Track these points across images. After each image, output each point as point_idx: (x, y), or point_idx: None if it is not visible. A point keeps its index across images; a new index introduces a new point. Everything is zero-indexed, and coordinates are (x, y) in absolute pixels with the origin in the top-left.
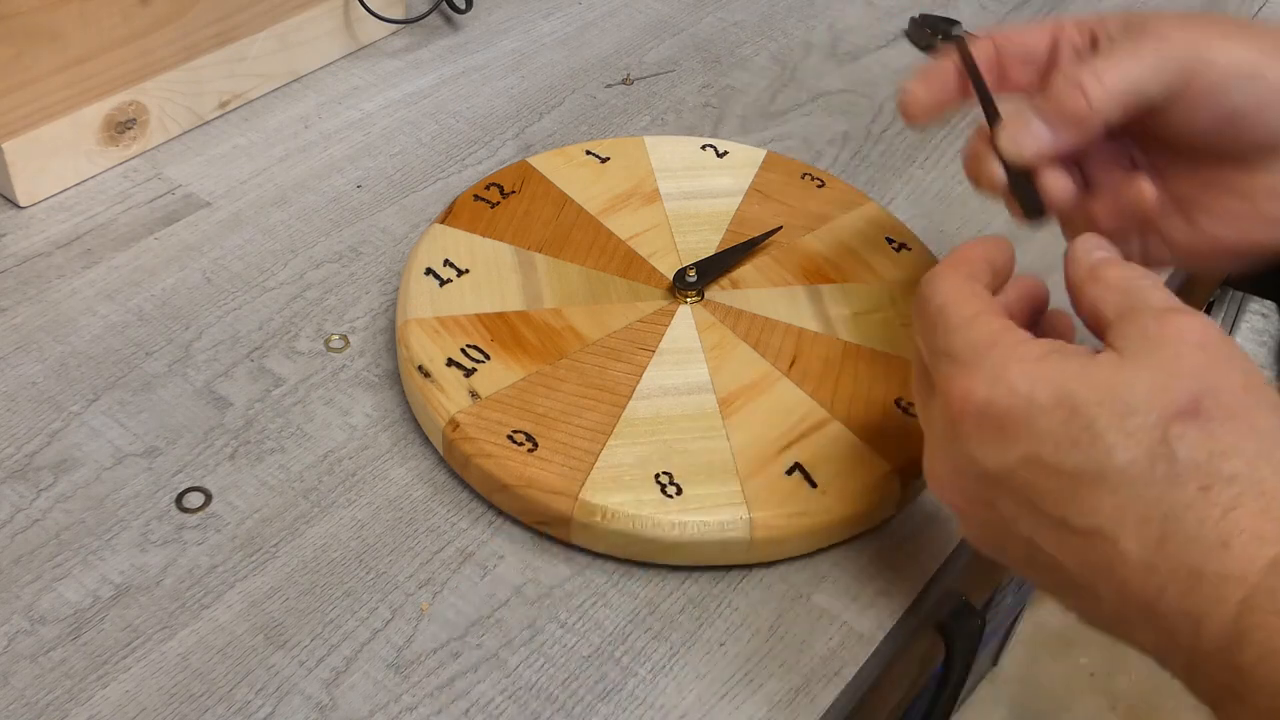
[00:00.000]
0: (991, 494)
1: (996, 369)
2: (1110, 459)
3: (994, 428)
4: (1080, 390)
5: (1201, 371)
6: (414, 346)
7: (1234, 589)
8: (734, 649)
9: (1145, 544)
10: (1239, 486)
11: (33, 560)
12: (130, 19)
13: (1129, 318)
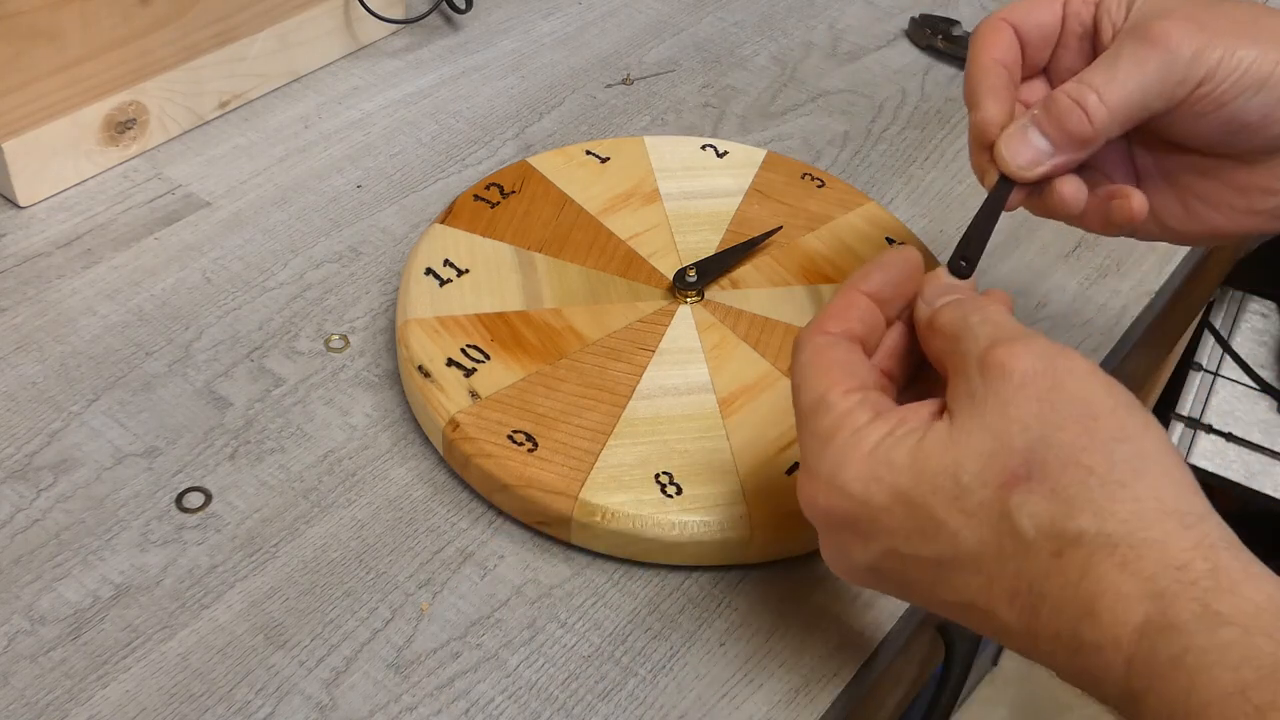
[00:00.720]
0: (877, 578)
1: (831, 474)
2: (960, 543)
3: (847, 530)
4: (912, 484)
5: (1029, 420)
6: (414, 346)
7: (1114, 654)
8: (734, 649)
9: (1020, 614)
10: (1089, 545)
11: (33, 560)
12: (130, 19)
13: (958, 371)
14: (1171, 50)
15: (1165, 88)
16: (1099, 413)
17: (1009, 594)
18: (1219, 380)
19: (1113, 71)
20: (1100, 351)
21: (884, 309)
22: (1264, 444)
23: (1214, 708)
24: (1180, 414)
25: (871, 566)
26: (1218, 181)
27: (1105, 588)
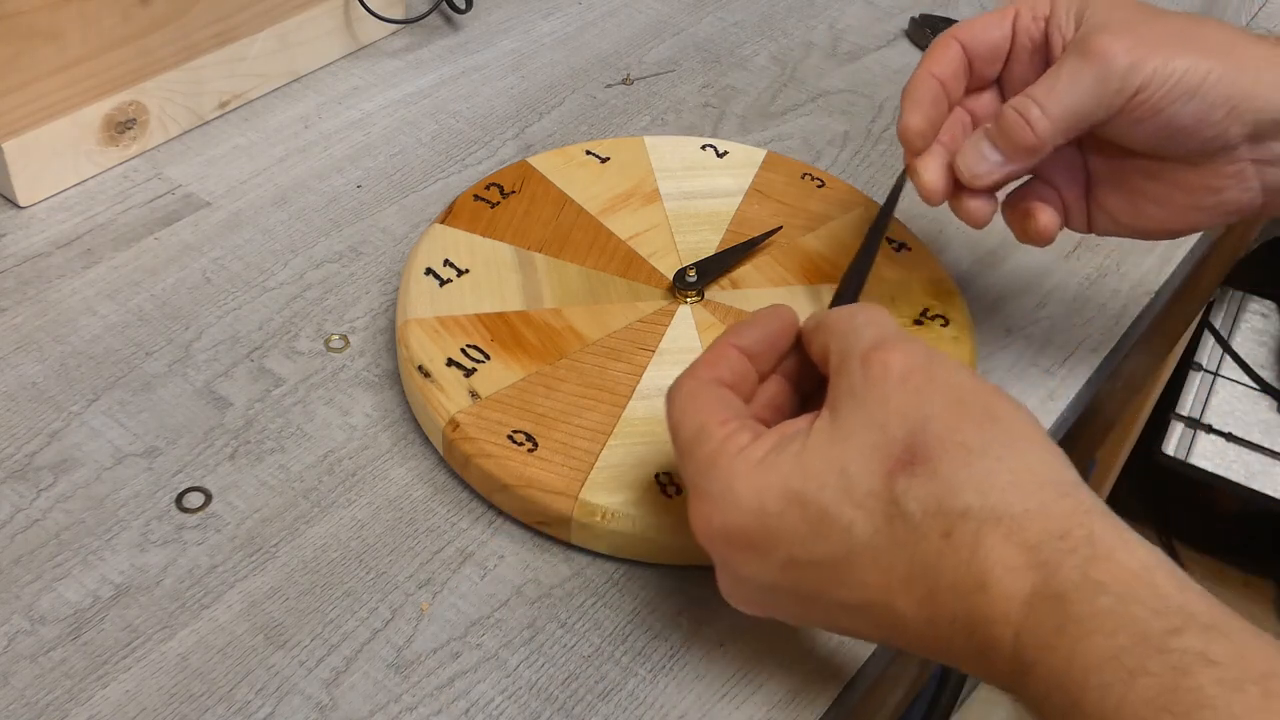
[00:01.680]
0: (776, 598)
1: (723, 490)
2: (853, 536)
3: (744, 546)
4: (801, 483)
5: (907, 410)
6: (414, 346)
7: (1003, 629)
8: (734, 649)
9: (918, 603)
10: (976, 519)
11: (33, 560)
12: (130, 19)
13: (841, 368)
14: (1108, 63)
15: (1103, 98)
16: (967, 397)
17: (905, 582)
18: (1219, 380)
19: (1054, 85)
20: (1100, 351)
21: (755, 362)
22: (1264, 444)
23: (1093, 674)
24: (1180, 414)
25: (772, 585)
26: (1164, 182)
27: (994, 561)
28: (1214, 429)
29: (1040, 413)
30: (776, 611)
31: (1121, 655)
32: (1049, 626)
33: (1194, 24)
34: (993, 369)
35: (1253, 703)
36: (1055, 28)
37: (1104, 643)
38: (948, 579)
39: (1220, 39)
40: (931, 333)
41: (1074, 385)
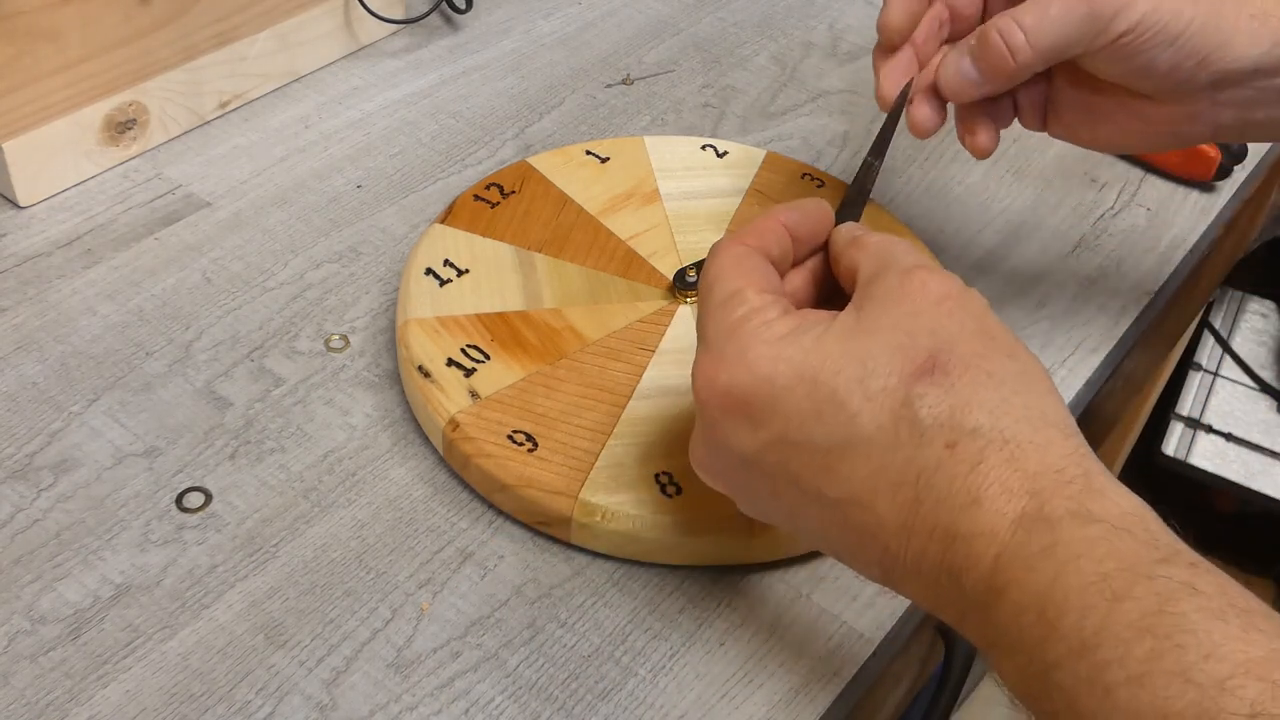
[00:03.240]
0: (750, 476)
1: (738, 353)
2: (856, 427)
3: (740, 413)
4: (819, 363)
5: (937, 327)
6: (414, 346)
7: (987, 545)
8: (734, 649)
9: (900, 508)
10: (983, 439)
11: (33, 560)
12: (130, 19)
13: (877, 277)
14: (1100, 4)
15: (1088, 36)
16: (995, 333)
17: (892, 485)
18: (1219, 380)
19: (1042, 16)
20: (1100, 351)
21: (795, 246)
22: (1264, 444)
23: (1074, 596)
24: (1180, 414)
25: (752, 460)
26: (1124, 110)
27: (992, 480)
28: (1214, 429)
29: None
30: (742, 491)
31: (1108, 579)
32: (1035, 548)
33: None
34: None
35: (1233, 633)
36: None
37: (1091, 567)
38: (940, 490)
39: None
40: None
41: (1074, 385)
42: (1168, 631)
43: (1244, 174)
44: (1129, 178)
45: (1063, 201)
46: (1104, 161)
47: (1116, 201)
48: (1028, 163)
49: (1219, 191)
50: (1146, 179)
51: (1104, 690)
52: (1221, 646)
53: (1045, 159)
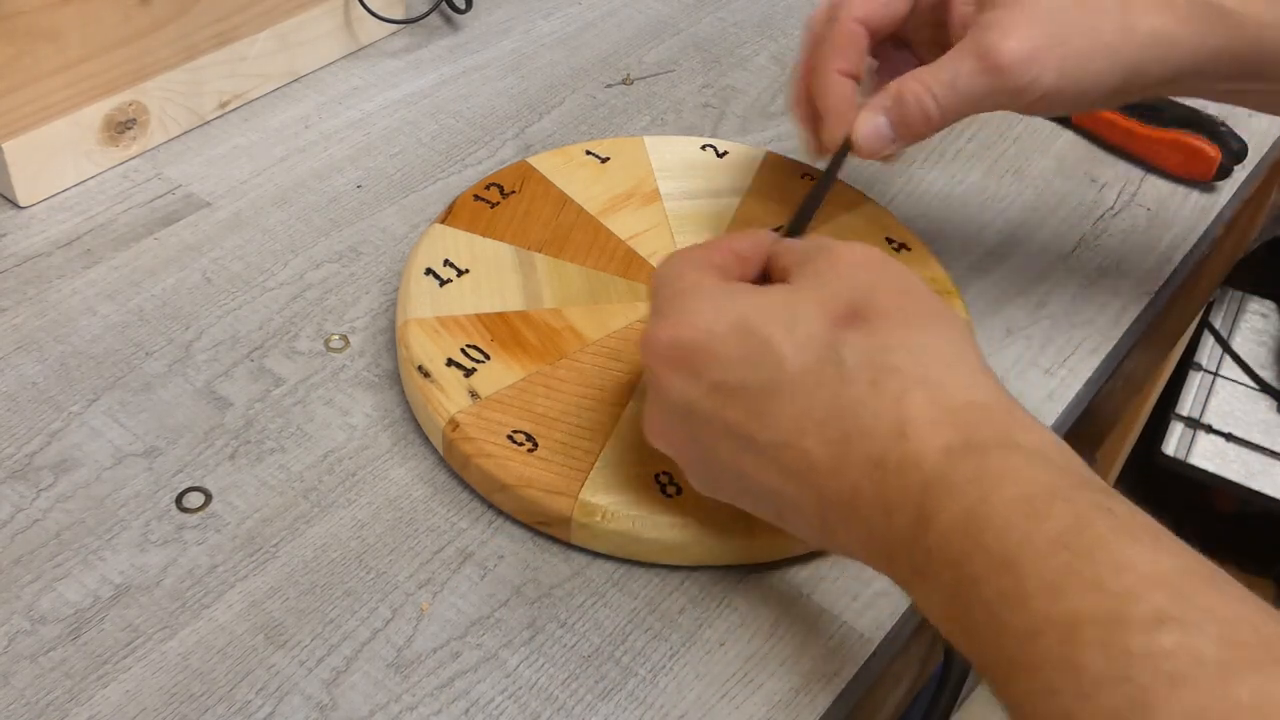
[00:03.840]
0: (692, 428)
1: (680, 311)
2: (783, 370)
3: (682, 363)
4: (754, 314)
5: (858, 284)
6: (414, 346)
7: (915, 475)
8: (734, 649)
9: (830, 444)
10: (904, 378)
11: (33, 560)
12: (130, 19)
13: (806, 260)
14: (1007, 77)
15: (999, 100)
16: (914, 291)
17: (820, 423)
18: (1219, 380)
19: (954, 85)
20: (1100, 351)
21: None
22: (1264, 444)
23: (998, 514)
24: (1180, 414)
25: (693, 410)
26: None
27: (916, 413)
28: (1214, 429)
29: (1040, 413)
30: (687, 450)
31: (1030, 500)
32: (962, 475)
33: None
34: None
35: (1143, 550)
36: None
37: (1014, 490)
38: (865, 423)
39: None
40: None
41: (1074, 385)
42: (1083, 547)
43: (1244, 174)
44: (1129, 178)
45: (1063, 201)
46: (1104, 161)
47: (1116, 201)
48: (1028, 163)
49: (1219, 191)
50: (1146, 179)
51: (1021, 600)
52: (1131, 561)
53: (1045, 159)
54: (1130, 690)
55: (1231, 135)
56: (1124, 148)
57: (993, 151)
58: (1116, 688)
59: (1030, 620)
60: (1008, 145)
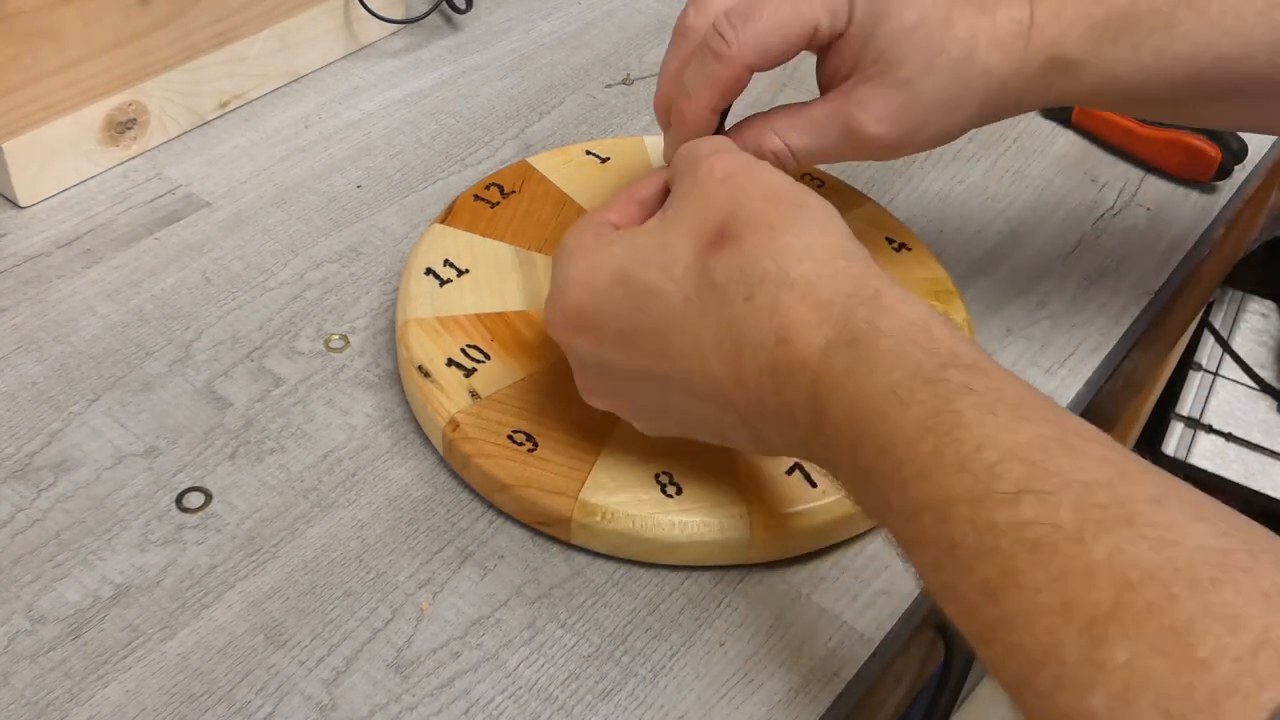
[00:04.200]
0: (614, 382)
1: (567, 277)
2: (669, 307)
3: (579, 326)
4: (627, 262)
5: (724, 200)
6: (414, 346)
7: (803, 376)
8: (734, 649)
9: (727, 363)
10: (774, 283)
11: (33, 560)
12: (130, 19)
13: (680, 178)
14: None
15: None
16: (782, 191)
17: (715, 345)
18: (1219, 380)
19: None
20: (1100, 351)
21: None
22: (1264, 444)
23: (871, 405)
24: (1180, 414)
25: (608, 366)
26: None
27: (793, 318)
28: (1214, 429)
29: None
30: (620, 398)
31: (897, 388)
32: (839, 370)
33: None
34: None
35: (1002, 424)
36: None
37: (882, 379)
38: (751, 336)
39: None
40: None
41: (1074, 385)
42: (946, 428)
43: (1244, 174)
44: (1129, 178)
45: (1063, 201)
46: (1104, 161)
47: (1116, 201)
48: (1028, 163)
49: (1219, 191)
50: (1146, 179)
51: (900, 484)
52: (991, 437)
53: (1045, 159)
54: (999, 560)
55: (1231, 135)
56: (1124, 148)
57: (993, 151)
58: (988, 559)
59: (909, 503)
60: (1008, 145)
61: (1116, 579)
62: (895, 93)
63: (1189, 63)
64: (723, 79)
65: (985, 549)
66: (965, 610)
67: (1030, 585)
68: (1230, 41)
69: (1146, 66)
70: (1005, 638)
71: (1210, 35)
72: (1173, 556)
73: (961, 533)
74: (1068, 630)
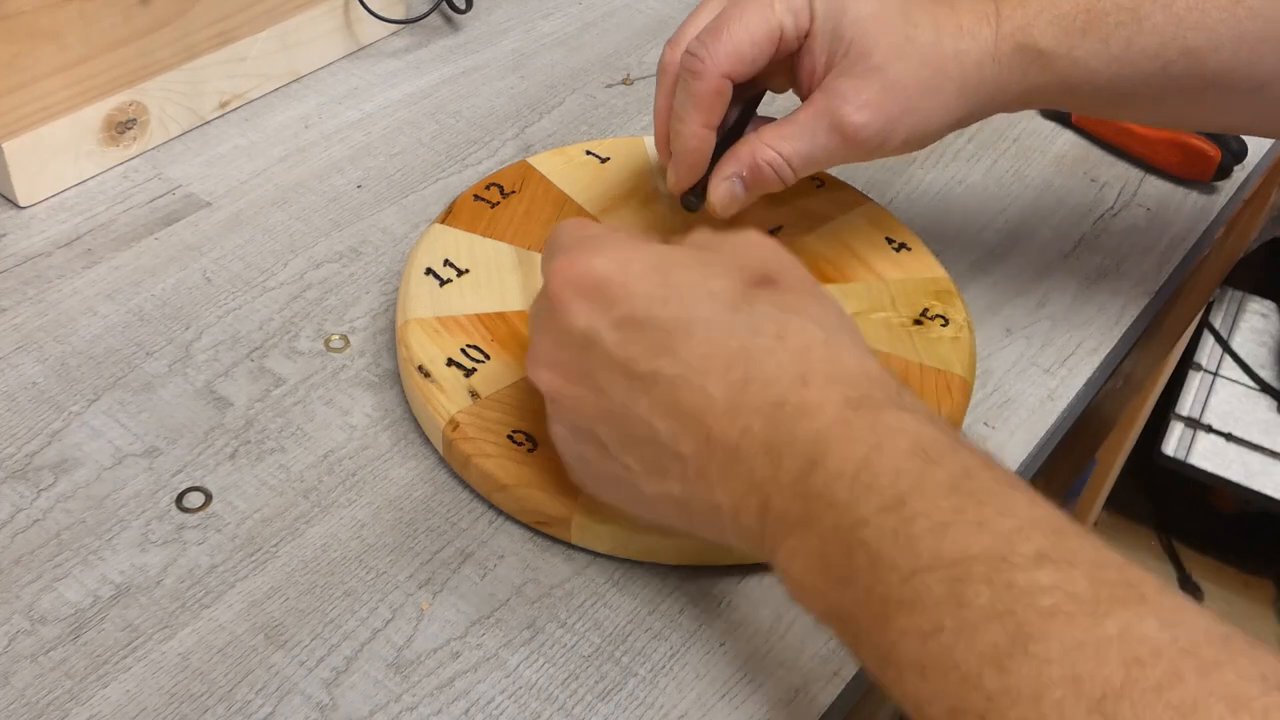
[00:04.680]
0: (587, 362)
1: (596, 245)
2: (695, 311)
3: (593, 292)
4: (669, 261)
5: (769, 258)
6: (414, 346)
7: (812, 421)
8: (734, 649)
9: (730, 386)
10: (809, 337)
11: (33, 560)
12: (130, 19)
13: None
14: (861, 145)
15: (848, 159)
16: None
17: (725, 366)
18: (1219, 380)
19: (810, 154)
20: (1100, 351)
21: None
22: (1264, 444)
23: (891, 460)
24: (1180, 414)
25: (593, 338)
26: None
27: (818, 369)
28: (1214, 429)
29: (1040, 413)
30: (574, 383)
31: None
32: (859, 424)
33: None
34: (993, 369)
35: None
36: (809, 50)
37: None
38: (769, 370)
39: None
40: (931, 333)
41: (1074, 385)
42: (970, 491)
43: (1244, 174)
44: (1129, 178)
45: (1063, 201)
46: (1104, 161)
47: (1116, 201)
48: (1028, 163)
49: (1219, 191)
50: (1146, 179)
51: (909, 540)
52: (1014, 507)
53: (1045, 159)
54: (1011, 624)
55: (1231, 135)
56: (1124, 148)
57: (993, 151)
58: (999, 621)
59: (917, 558)
60: (1008, 145)
61: (1127, 656)
62: (871, 79)
63: (1157, 56)
64: (705, 94)
65: (999, 611)
66: (959, 680)
67: (1042, 655)
68: (1196, 35)
69: (1116, 58)
70: (1006, 712)
71: (1177, 29)
72: (1178, 636)
73: (975, 591)
74: (1077, 707)
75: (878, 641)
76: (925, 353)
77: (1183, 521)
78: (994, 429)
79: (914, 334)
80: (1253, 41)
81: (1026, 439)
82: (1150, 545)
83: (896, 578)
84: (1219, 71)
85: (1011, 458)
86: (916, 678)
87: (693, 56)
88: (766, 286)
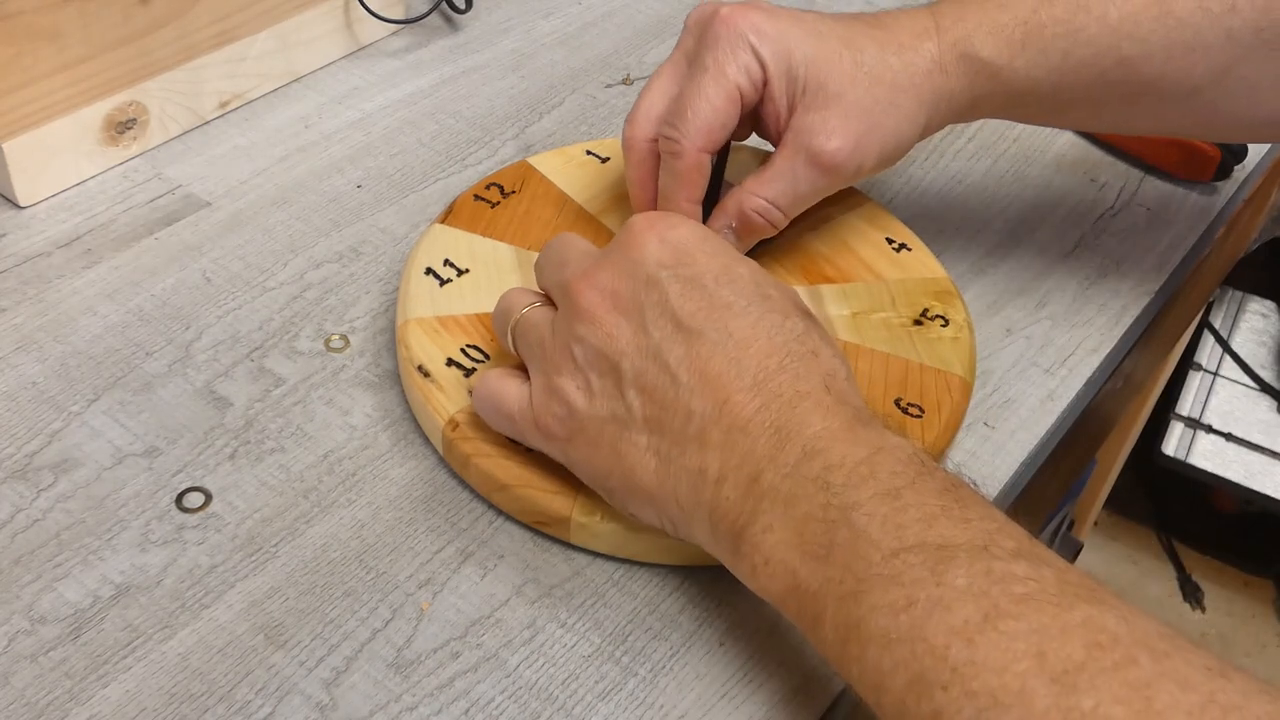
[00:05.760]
0: (643, 298)
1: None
2: (752, 302)
3: (674, 247)
4: (730, 259)
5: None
6: (414, 346)
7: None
8: (734, 649)
9: (761, 369)
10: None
11: (33, 560)
12: (130, 19)
13: None
14: (840, 173)
15: (830, 190)
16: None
17: (764, 352)
18: (1219, 380)
19: (794, 193)
20: (1100, 351)
21: None
22: (1264, 444)
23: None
24: (1180, 414)
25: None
26: None
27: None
28: (1214, 429)
29: (1040, 413)
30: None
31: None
32: (861, 432)
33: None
34: (993, 369)
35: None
36: (769, 98)
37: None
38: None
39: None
40: (931, 333)
41: (1074, 385)
42: (958, 497)
43: (1244, 174)
44: (1129, 178)
45: (1063, 201)
46: (1104, 161)
47: (1116, 201)
48: (1028, 163)
49: (1219, 191)
50: (1146, 179)
51: (898, 526)
52: (995, 515)
53: (1045, 159)
54: (985, 605)
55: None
56: (1124, 148)
57: (993, 151)
58: (974, 600)
59: (902, 540)
60: (1008, 145)
61: (1088, 640)
62: (832, 108)
63: (1094, 65)
64: (687, 171)
65: (975, 592)
66: (926, 651)
67: (1011, 632)
68: (1130, 45)
69: (1056, 68)
70: (968, 682)
71: (1112, 40)
72: (1134, 629)
73: (955, 573)
74: (1039, 678)
75: (844, 618)
76: (925, 353)
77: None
78: (994, 429)
79: (914, 334)
80: (1183, 50)
81: (1026, 439)
82: (1150, 545)
83: (879, 555)
84: (1152, 79)
85: (1011, 458)
86: (880, 650)
87: (668, 140)
88: (808, 317)
